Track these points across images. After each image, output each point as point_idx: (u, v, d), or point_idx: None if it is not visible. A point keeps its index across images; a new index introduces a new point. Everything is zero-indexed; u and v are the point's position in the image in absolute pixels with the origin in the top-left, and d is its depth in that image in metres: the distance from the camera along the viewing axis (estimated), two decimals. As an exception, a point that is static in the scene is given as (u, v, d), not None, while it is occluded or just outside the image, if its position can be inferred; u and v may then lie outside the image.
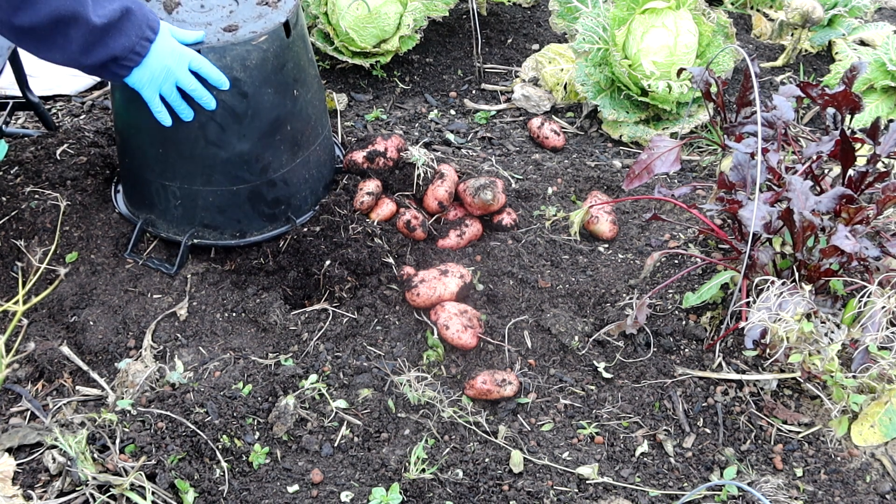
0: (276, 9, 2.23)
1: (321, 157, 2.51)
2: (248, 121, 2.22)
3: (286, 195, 2.40)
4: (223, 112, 2.17)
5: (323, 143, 2.51)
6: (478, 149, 3.03)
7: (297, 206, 2.45)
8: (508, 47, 3.68)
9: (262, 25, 2.17)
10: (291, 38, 2.23)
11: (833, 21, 3.63)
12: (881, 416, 2.00)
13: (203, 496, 1.84)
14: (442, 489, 1.91)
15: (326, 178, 2.57)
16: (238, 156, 2.26)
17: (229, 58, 2.12)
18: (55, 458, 1.83)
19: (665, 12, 3.05)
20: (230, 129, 2.21)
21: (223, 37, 2.13)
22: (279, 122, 2.28)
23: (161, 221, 2.40)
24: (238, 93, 2.16)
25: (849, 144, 2.18)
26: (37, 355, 2.17)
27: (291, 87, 2.27)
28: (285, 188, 2.39)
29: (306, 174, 2.44)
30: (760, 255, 2.07)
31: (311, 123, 2.40)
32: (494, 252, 2.49)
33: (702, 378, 2.17)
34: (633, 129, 3.12)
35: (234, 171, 2.29)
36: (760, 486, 1.91)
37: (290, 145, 2.35)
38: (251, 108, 2.20)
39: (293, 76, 2.27)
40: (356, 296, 2.36)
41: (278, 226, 2.43)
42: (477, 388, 2.12)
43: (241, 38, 2.12)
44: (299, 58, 2.30)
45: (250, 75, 2.16)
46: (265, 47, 2.15)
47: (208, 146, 2.23)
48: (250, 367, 2.18)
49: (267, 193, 2.36)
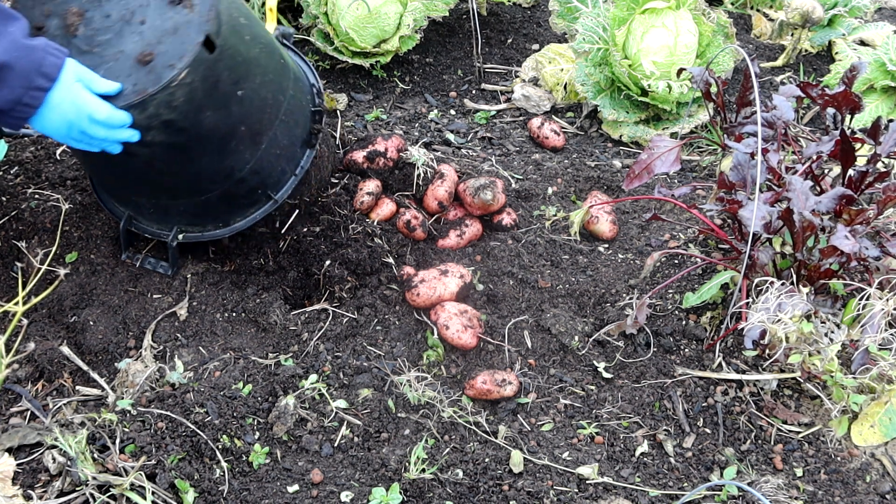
0: (191, 11, 1.91)
1: (290, 121, 2.28)
2: (195, 146, 2.06)
3: (260, 181, 2.26)
4: (163, 149, 2.01)
5: (289, 107, 2.26)
6: (478, 149, 3.03)
7: (275, 181, 2.30)
8: (508, 47, 3.68)
9: (179, 48, 1.88)
10: (220, 42, 1.93)
11: (833, 21, 3.63)
12: (881, 416, 2.00)
13: (203, 496, 1.84)
14: (442, 489, 1.91)
15: (303, 134, 2.35)
16: (195, 175, 2.15)
17: (152, 108, 1.88)
18: (55, 458, 1.83)
19: (665, 12, 3.05)
20: (177, 158, 2.07)
21: (140, 79, 1.87)
22: (230, 132, 2.10)
23: (143, 220, 2.34)
24: (174, 131, 1.96)
25: (849, 144, 2.18)
26: (37, 355, 2.17)
27: (233, 93, 2.04)
28: (257, 177, 2.24)
29: (277, 151, 2.25)
30: (760, 255, 2.07)
31: (268, 103, 2.17)
32: (494, 252, 2.49)
33: (702, 378, 2.17)
34: (633, 129, 3.12)
35: (195, 187, 2.19)
36: (760, 486, 1.91)
37: (250, 140, 2.16)
38: (193, 137, 2.02)
39: (232, 80, 2.02)
40: (356, 296, 2.36)
41: (260, 207, 2.32)
42: (477, 388, 2.12)
43: (160, 82, 1.85)
44: (235, 56, 2.01)
45: (181, 112, 1.93)
46: (189, 80, 1.88)
47: (161, 174, 2.13)
48: (250, 367, 2.18)
49: (239, 190, 2.24)
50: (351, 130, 2.93)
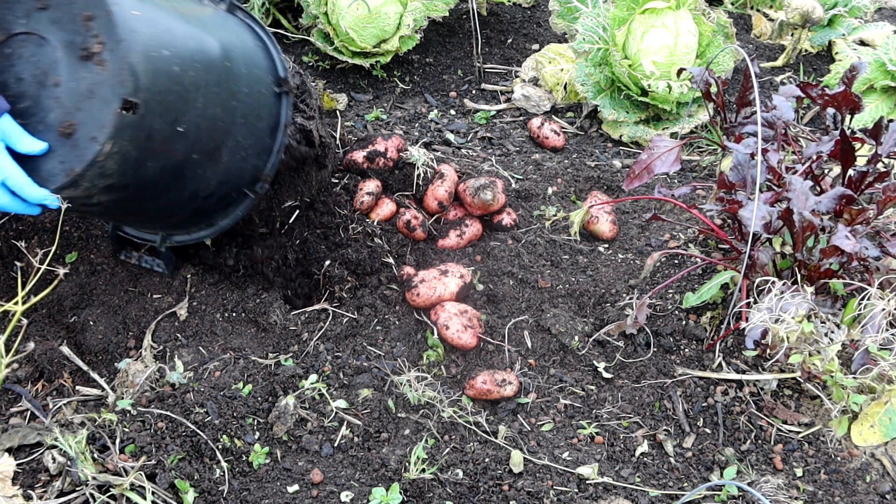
0: (103, 69, 1.70)
1: (251, 118, 2.09)
2: (147, 194, 1.93)
3: (231, 187, 2.13)
4: (113, 204, 1.90)
5: (246, 106, 2.06)
6: (478, 149, 3.03)
7: (250, 178, 2.16)
8: (508, 47, 3.68)
9: (98, 116, 1.70)
10: (143, 97, 1.73)
11: (833, 21, 3.64)
12: (881, 416, 2.00)
13: (203, 496, 1.84)
14: (442, 489, 1.91)
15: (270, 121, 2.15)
16: (156, 211, 2.06)
17: (86, 182, 1.75)
18: (55, 458, 1.83)
19: (665, 12, 3.05)
20: (131, 206, 1.98)
21: (65, 155, 1.72)
22: (180, 165, 1.94)
23: (128, 226, 2.29)
24: (117, 190, 1.83)
25: (849, 144, 2.18)
26: (37, 355, 2.17)
27: (172, 133, 1.86)
28: (224, 186, 2.11)
29: (241, 154, 2.09)
30: (760, 255, 2.07)
31: (218, 118, 1.98)
32: (494, 252, 2.49)
33: (702, 378, 2.17)
34: (633, 129, 3.12)
35: (161, 217, 2.13)
36: (760, 486, 1.91)
37: (207, 161, 2.01)
38: (141, 187, 1.89)
39: (168, 122, 1.83)
40: (356, 296, 2.36)
41: (240, 203, 2.19)
42: (477, 388, 2.12)
43: (86, 159, 1.70)
44: (165, 99, 1.80)
45: (119, 175, 1.79)
46: (116, 149, 1.72)
47: (122, 216, 2.06)
48: (250, 367, 2.18)
49: (209, 204, 2.14)
50: (351, 130, 2.93)
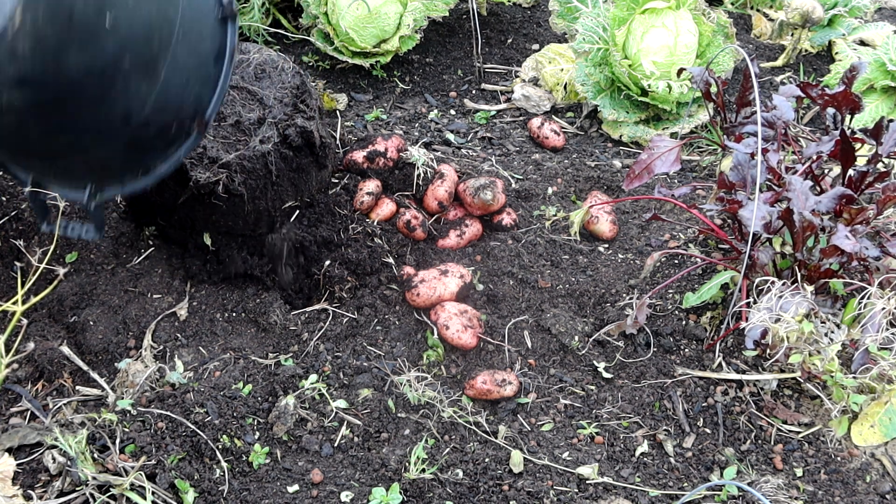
0: None
1: (193, 36, 1.84)
2: (69, 98, 1.69)
3: (170, 117, 1.88)
4: (30, 111, 1.69)
5: (186, 19, 1.81)
6: (478, 149, 3.03)
7: (192, 111, 1.92)
8: (508, 47, 3.68)
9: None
10: None
11: (833, 21, 3.63)
12: (881, 416, 2.00)
13: (203, 496, 1.84)
14: (442, 489, 1.91)
15: (214, 46, 1.91)
16: (81, 131, 1.79)
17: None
18: (55, 458, 1.83)
19: (665, 12, 3.05)
20: (51, 118, 1.74)
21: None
22: (110, 70, 1.69)
23: (51, 181, 1.97)
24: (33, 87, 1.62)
25: (849, 144, 2.18)
26: (37, 355, 2.17)
27: (99, 22, 1.62)
28: (163, 114, 1.85)
29: (183, 77, 1.84)
30: (760, 255, 2.07)
31: (153, 22, 1.74)
32: (494, 252, 2.49)
33: (702, 378, 2.17)
34: (633, 129, 3.12)
35: (87, 144, 1.83)
36: (760, 486, 1.91)
37: (143, 72, 1.75)
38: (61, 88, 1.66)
39: (93, 8, 1.61)
40: (356, 296, 2.36)
41: (181, 142, 1.95)
42: (477, 388, 2.12)
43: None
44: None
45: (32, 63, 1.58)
46: (29, 25, 1.51)
47: (42, 138, 1.78)
48: (250, 367, 2.18)
49: (145, 133, 1.86)
50: (351, 130, 2.93)
